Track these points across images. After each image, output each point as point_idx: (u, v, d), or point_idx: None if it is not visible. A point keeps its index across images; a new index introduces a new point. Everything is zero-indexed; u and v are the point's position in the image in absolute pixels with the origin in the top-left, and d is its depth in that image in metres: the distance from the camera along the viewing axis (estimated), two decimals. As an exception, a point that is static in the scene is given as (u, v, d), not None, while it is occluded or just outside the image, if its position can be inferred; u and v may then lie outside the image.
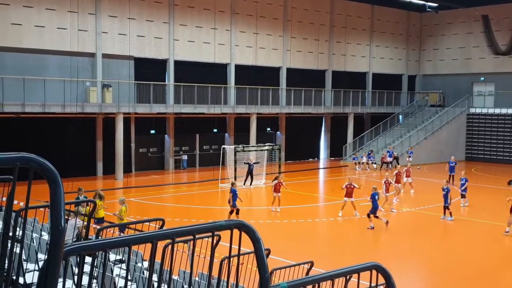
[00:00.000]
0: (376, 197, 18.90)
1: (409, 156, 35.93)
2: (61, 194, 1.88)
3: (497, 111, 42.10)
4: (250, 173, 28.20)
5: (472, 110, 43.56)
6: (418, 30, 48.28)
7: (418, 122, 43.22)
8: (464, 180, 23.28)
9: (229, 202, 19.33)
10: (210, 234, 2.71)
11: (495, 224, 20.12)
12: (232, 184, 19.97)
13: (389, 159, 35.87)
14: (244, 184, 27.87)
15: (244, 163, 28.74)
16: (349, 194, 20.85)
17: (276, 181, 22.03)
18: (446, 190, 20.40)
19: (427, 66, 48.28)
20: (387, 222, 18.94)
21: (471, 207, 23.52)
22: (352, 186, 20.83)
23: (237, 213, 19.05)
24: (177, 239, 2.65)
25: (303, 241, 17.65)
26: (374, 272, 3.21)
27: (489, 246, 17.32)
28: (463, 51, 45.47)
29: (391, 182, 23.25)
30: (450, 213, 20.37)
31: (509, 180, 29.38)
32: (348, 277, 3.24)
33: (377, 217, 18.79)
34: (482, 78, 44.78)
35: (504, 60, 42.74)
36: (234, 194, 19.16)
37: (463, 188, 23.18)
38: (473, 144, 42.84)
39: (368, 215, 18.81)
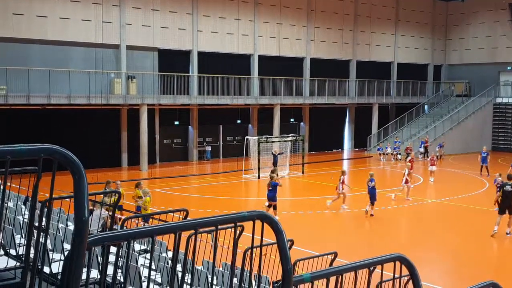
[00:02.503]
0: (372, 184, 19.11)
1: (440, 147, 35.58)
2: (84, 186, 1.90)
3: (525, 100, 41.23)
4: (275, 163, 28.15)
5: (499, 100, 42.74)
6: (444, 19, 47.45)
7: (443, 112, 42.59)
8: None
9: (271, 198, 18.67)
10: (232, 225, 2.72)
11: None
12: (271, 177, 18.96)
13: (421, 150, 35.65)
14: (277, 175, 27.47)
15: (272, 153, 28.73)
16: (337, 187, 20.67)
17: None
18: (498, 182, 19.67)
19: (453, 55, 47.46)
20: (371, 214, 19.07)
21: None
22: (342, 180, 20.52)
23: (275, 208, 18.45)
24: (200, 230, 2.66)
25: (327, 231, 17.60)
26: (398, 263, 3.19)
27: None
28: (490, 40, 44.58)
29: (410, 173, 23.17)
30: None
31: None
32: (372, 268, 3.22)
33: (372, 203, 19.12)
34: (508, 68, 43.84)
35: (533, 49, 41.79)
36: (273, 187, 18.46)
37: None
38: (500, 134, 42.06)
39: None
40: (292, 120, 40.16)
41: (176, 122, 34.65)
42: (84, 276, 2.15)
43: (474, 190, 24.87)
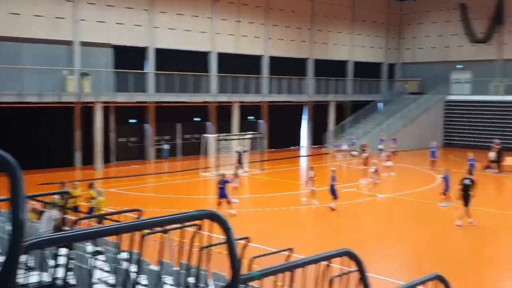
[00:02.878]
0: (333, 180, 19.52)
1: (393, 143, 36.31)
2: (20, 186, 1.84)
3: (474, 98, 42.57)
4: (240, 161, 28.18)
5: (450, 98, 43.99)
6: (398, 19, 48.50)
7: (397, 109, 43.53)
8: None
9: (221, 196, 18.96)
10: (181, 225, 2.71)
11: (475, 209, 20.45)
12: (222, 175, 19.44)
13: (380, 146, 36.25)
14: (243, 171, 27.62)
15: (236, 151, 28.75)
16: (306, 182, 21.25)
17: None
18: (445, 177, 20.55)
19: (406, 54, 48.59)
20: (332, 209, 19.47)
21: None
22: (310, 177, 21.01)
23: (229, 203, 18.79)
24: (155, 230, 2.63)
25: (286, 228, 17.73)
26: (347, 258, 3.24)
27: (470, 230, 17.60)
28: (441, 39, 45.84)
29: (377, 169, 23.62)
30: (447, 198, 20.63)
31: (486, 166, 29.82)
32: (327, 263, 3.26)
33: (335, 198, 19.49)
34: (459, 66, 45.22)
35: (481, 48, 43.22)
36: (224, 185, 18.78)
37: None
38: (451, 131, 43.31)
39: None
40: (251, 117, 40.24)
41: (132, 120, 34.18)
42: (36, 279, 2.09)
43: (426, 184, 25.53)
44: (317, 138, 42.92)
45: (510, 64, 42.58)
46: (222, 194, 18.82)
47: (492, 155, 29.77)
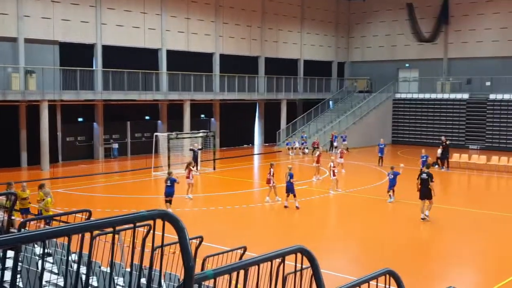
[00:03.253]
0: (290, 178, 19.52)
1: (344, 140, 36.93)
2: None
3: (421, 96, 43.88)
4: (195, 159, 27.97)
5: (398, 96, 45.16)
6: (346, 18, 49.33)
7: (347, 107, 44.32)
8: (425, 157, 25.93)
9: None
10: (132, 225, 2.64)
11: (416, 203, 21.05)
12: (170, 173, 19.46)
13: (336, 144, 36.83)
14: (196, 170, 27.42)
15: (190, 149, 28.53)
16: (268, 180, 21.20)
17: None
18: (393, 175, 21.07)
19: (355, 53, 49.52)
20: (295, 207, 19.53)
21: (398, 187, 24.47)
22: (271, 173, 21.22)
23: (170, 202, 18.85)
24: (105, 231, 2.56)
25: (239, 226, 17.74)
26: (301, 255, 3.25)
27: (419, 226, 18.10)
28: (389, 39, 46.96)
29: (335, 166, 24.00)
30: (390, 195, 21.26)
31: (433, 162, 30.71)
32: (280, 261, 3.26)
33: (294, 196, 19.55)
34: (406, 65, 46.48)
35: (427, 47, 44.55)
36: (172, 183, 18.81)
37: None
38: (399, 128, 44.49)
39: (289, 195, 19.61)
40: (202, 116, 40.03)
41: (80, 119, 33.39)
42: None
43: (376, 181, 26.10)
44: (270, 136, 43.18)
45: (455, 63, 44.09)
46: (169, 192, 18.80)
47: (440, 151, 30.68)
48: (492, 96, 40.20)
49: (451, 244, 16.04)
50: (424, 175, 18.00)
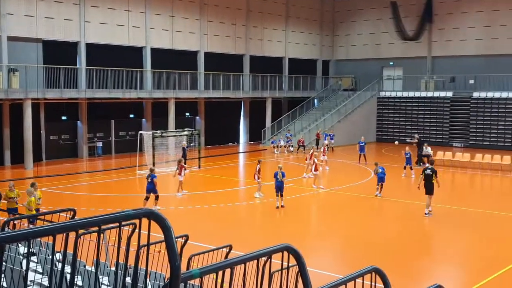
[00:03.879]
0: (278, 176, 19.43)
1: (331, 138, 37.06)
2: None
3: (405, 94, 44.19)
4: (184, 157, 27.95)
5: (382, 94, 45.43)
6: (331, 16, 49.48)
7: (332, 105, 44.48)
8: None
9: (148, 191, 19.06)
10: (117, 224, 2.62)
11: (408, 202, 21.22)
12: (151, 170, 19.60)
13: (327, 142, 36.91)
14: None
15: (183, 148, 28.53)
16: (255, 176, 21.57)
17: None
18: (381, 169, 21.66)
19: (340, 51, 49.70)
20: (280, 206, 19.49)
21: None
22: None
23: (156, 199, 19.05)
24: (90, 230, 2.54)
25: (225, 225, 17.71)
26: (286, 253, 3.25)
27: (405, 223, 18.23)
28: (373, 37, 47.21)
29: (316, 162, 24.23)
30: (379, 189, 21.79)
31: (416, 160, 30.96)
32: (264, 260, 3.26)
33: (281, 195, 19.45)
34: (391, 63, 46.76)
35: (411, 45, 44.85)
36: (152, 180, 18.96)
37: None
38: (383, 126, 44.76)
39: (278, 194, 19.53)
40: (187, 114, 39.91)
41: (64, 117, 33.09)
42: None
43: (361, 179, 26.24)
44: (255, 134, 43.19)
45: (439, 61, 44.47)
46: (150, 189, 18.96)
47: (424, 149, 30.82)
48: (475, 94, 40.61)
49: (437, 242, 16.20)
50: (428, 171, 18.55)
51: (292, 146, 37.64)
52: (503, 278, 12.46)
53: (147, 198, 19.00)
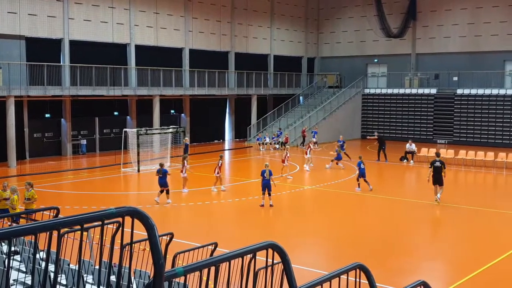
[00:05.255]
0: (265, 174, 19.46)
1: (313, 137, 37.20)
2: None
3: (390, 91, 44.46)
4: (185, 151, 28.21)
5: (367, 91, 45.66)
6: (316, 13, 49.57)
7: (317, 103, 44.60)
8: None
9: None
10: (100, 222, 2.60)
11: (393, 199, 21.37)
12: (161, 165, 20.30)
13: (314, 139, 37.02)
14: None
15: (185, 144, 29.34)
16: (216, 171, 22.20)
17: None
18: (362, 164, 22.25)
19: (325, 48, 49.83)
20: (269, 206, 19.47)
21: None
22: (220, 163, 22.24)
23: (167, 192, 19.83)
24: (74, 228, 2.51)
25: (210, 222, 17.69)
26: (271, 250, 3.26)
27: (390, 220, 18.35)
28: (358, 34, 47.41)
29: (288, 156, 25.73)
30: (359, 184, 22.35)
31: (401, 157, 31.20)
32: (251, 256, 3.26)
33: (269, 194, 19.44)
34: (375, 60, 47.00)
35: (395, 43, 45.11)
36: (164, 174, 19.73)
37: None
38: (368, 123, 44.99)
39: (263, 193, 19.54)
40: (172, 111, 39.75)
41: (47, 115, 32.78)
42: None
43: (345, 176, 26.36)
44: (240, 132, 43.17)
45: (423, 58, 44.80)
46: (162, 183, 19.75)
47: (408, 146, 31.05)
48: (459, 91, 40.99)
49: (421, 238, 16.33)
50: (437, 163, 19.71)
51: (277, 143, 37.67)
52: (486, 274, 12.61)
53: (164, 191, 19.69)
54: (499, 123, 38.94)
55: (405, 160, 30.74)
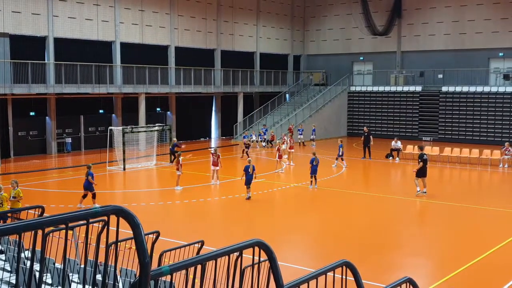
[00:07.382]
0: (249, 170, 19.85)
1: (300, 134, 37.27)
2: None
3: (375, 89, 44.68)
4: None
5: (353, 88, 45.84)
6: (302, 11, 49.65)
7: (303, 100, 44.69)
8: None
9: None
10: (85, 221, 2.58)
11: (379, 196, 21.49)
12: (89, 167, 19.30)
13: (300, 137, 37.14)
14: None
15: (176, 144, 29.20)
16: (214, 163, 22.70)
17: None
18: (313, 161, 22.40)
19: (311, 46, 49.94)
20: (249, 198, 19.87)
21: (354, 179, 24.91)
22: (217, 154, 22.70)
23: (93, 197, 18.76)
24: (59, 227, 2.49)
25: (196, 220, 17.65)
26: (258, 248, 3.26)
27: (376, 216, 18.46)
28: (344, 32, 47.56)
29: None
30: (313, 182, 22.46)
31: (387, 154, 31.38)
32: (238, 255, 3.26)
33: (249, 187, 19.92)
34: (361, 58, 47.20)
35: (381, 40, 45.34)
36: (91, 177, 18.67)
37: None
38: (354, 121, 45.20)
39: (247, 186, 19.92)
40: (158, 109, 39.58)
41: (32, 113, 32.46)
42: None
43: (332, 173, 26.46)
44: (227, 130, 43.12)
45: (408, 56, 45.08)
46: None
47: (394, 143, 31.21)
48: (444, 89, 41.31)
49: (407, 235, 16.44)
50: (425, 156, 20.86)
51: (263, 141, 37.69)
52: (472, 270, 12.74)
53: (85, 196, 18.78)
54: (483, 120, 39.33)
55: (390, 158, 30.92)
